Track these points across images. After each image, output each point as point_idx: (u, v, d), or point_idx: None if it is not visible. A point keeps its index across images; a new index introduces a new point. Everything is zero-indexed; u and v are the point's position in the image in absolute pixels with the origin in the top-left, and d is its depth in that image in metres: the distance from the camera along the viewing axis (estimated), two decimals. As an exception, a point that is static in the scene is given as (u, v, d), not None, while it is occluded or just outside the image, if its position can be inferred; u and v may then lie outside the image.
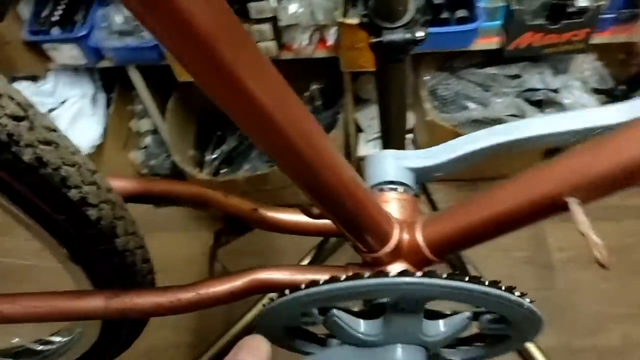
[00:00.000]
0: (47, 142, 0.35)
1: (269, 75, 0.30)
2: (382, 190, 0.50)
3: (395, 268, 0.46)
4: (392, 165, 0.51)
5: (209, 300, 0.46)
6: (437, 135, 1.41)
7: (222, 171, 1.47)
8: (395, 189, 0.50)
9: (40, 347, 0.65)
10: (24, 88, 1.26)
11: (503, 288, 0.39)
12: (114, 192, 0.42)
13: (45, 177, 0.35)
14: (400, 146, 0.90)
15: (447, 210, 0.45)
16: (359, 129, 1.57)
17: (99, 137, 1.35)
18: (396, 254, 0.45)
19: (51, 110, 1.29)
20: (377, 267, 0.46)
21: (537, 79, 1.38)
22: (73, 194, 0.37)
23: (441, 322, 0.45)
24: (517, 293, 0.40)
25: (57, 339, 0.63)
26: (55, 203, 0.37)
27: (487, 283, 0.39)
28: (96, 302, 0.44)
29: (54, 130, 0.36)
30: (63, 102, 1.28)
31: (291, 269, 0.48)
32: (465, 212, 0.43)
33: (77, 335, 0.61)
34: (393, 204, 0.49)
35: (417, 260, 0.46)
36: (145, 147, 1.53)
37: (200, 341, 1.41)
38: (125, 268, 0.45)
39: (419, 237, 0.45)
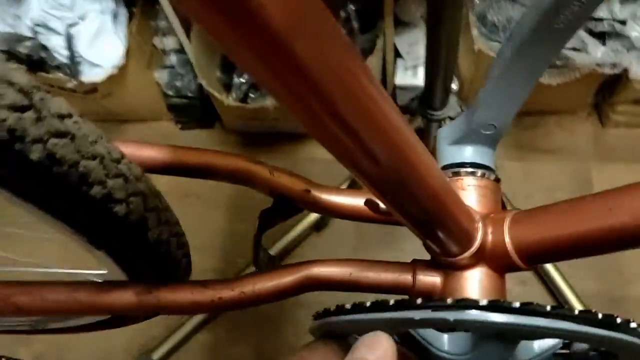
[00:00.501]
0: (60, 134, 0.27)
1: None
2: (457, 175, 0.42)
3: (474, 277, 0.38)
4: (469, 139, 0.42)
5: (255, 299, 0.39)
6: (483, 67, 1.29)
7: (250, 96, 1.37)
8: (473, 173, 0.42)
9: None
10: (43, 1, 1.16)
11: (625, 325, 0.31)
12: (144, 180, 0.34)
13: (60, 175, 0.28)
14: (448, 78, 0.80)
15: (546, 210, 0.37)
16: (398, 55, 1.44)
17: (122, 56, 1.25)
18: (477, 257, 0.38)
19: (71, 25, 1.19)
20: (452, 269, 0.39)
21: (602, 6, 1.23)
22: (96, 191, 0.30)
23: (536, 344, 0.38)
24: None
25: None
26: (74, 203, 0.30)
27: (607, 321, 0.31)
28: (126, 298, 0.38)
29: (69, 115, 0.28)
30: (82, 18, 1.17)
31: (350, 265, 0.40)
32: (574, 218, 0.35)
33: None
34: (471, 193, 0.41)
35: (501, 265, 0.39)
36: (170, 67, 1.43)
37: (228, 266, 1.39)
38: (158, 258, 0.38)
39: (507, 240, 0.37)
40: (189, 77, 1.42)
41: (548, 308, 0.31)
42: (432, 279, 0.40)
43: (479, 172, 0.42)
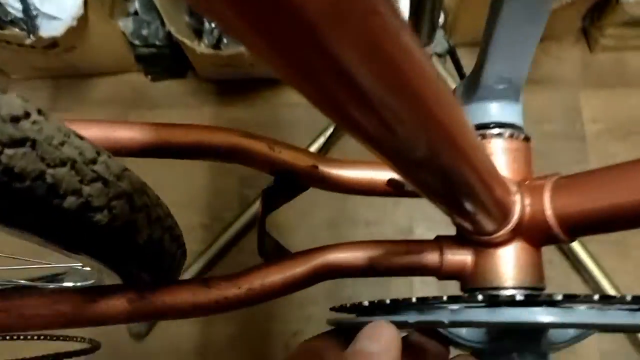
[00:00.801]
0: (17, 142, 0.21)
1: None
2: (483, 137, 0.37)
3: (509, 253, 0.34)
4: (489, 95, 0.37)
5: (265, 294, 0.34)
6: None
7: (224, 41, 1.28)
8: (500, 135, 0.37)
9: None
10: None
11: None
12: (127, 177, 0.28)
13: (24, 191, 0.22)
14: (437, 9, 0.73)
15: (592, 176, 0.32)
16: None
17: (80, 6, 1.15)
18: (514, 232, 0.33)
19: (18, -26, 1.07)
20: (485, 246, 0.35)
21: None
22: (70, 203, 0.24)
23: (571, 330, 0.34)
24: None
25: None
26: (43, 218, 0.24)
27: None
28: (117, 307, 0.33)
29: (25, 116, 0.22)
30: (31, -35, 1.05)
31: (368, 248, 0.36)
32: (625, 184, 0.30)
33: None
34: (500, 159, 0.36)
35: (539, 238, 0.34)
36: (134, 14, 1.32)
37: (215, 222, 1.35)
38: (151, 258, 0.33)
39: (549, 211, 0.33)
40: (156, 24, 1.32)
41: (596, 297, 0.27)
42: (461, 258, 0.36)
43: (507, 132, 0.37)
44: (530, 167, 0.37)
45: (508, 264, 0.34)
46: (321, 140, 1.35)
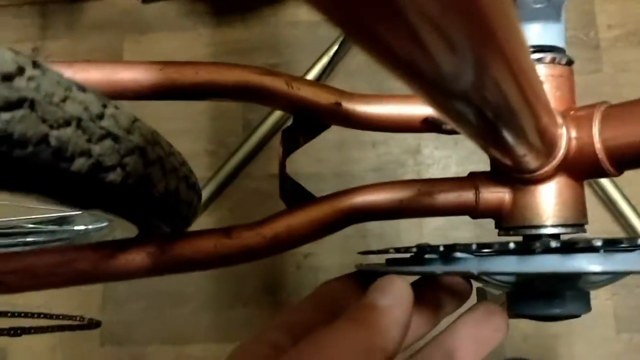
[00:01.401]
0: (13, 105, 0.18)
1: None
2: (525, 62, 0.33)
3: (551, 189, 0.31)
4: (526, 15, 0.33)
5: (291, 241, 0.32)
6: None
7: (217, -44, 1.20)
8: (541, 60, 0.33)
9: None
10: None
11: None
12: (137, 129, 0.25)
13: (27, 158, 0.19)
14: None
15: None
16: None
17: None
18: (557, 167, 0.31)
19: None
20: (523, 183, 0.32)
21: None
22: (79, 165, 0.21)
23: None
24: None
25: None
26: (51, 183, 0.21)
27: None
28: (136, 263, 0.31)
29: (19, 72, 0.18)
30: None
31: (399, 188, 0.33)
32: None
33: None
34: (545, 86, 0.33)
35: (584, 172, 0.32)
36: None
37: (219, 147, 1.32)
38: (167, 209, 0.31)
39: (598, 143, 0.30)
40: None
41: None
42: (498, 196, 0.33)
43: (548, 56, 0.33)
44: (574, 94, 0.34)
45: (549, 201, 0.32)
46: (324, 60, 1.30)
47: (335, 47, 1.27)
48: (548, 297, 0.32)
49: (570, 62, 0.34)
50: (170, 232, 0.34)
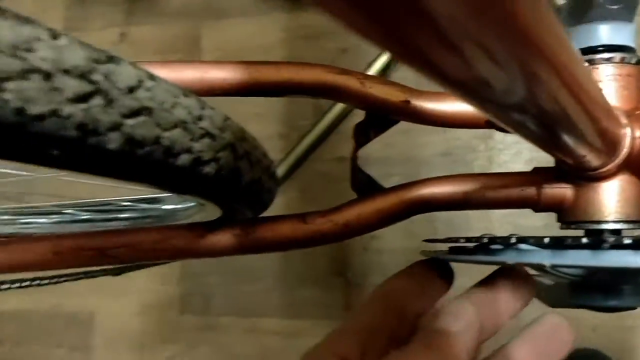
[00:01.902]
0: (135, 112, 0.22)
1: None
2: (590, 63, 0.34)
3: (613, 187, 0.33)
4: (598, 15, 0.34)
5: (359, 228, 0.36)
6: None
7: (293, -57, 1.23)
8: (610, 59, 0.34)
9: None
10: None
11: None
12: (229, 127, 0.29)
13: (144, 156, 0.23)
14: None
15: None
16: None
17: None
18: (620, 166, 0.32)
19: None
20: (586, 180, 0.34)
21: None
22: (183, 160, 0.25)
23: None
24: None
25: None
26: (159, 174, 0.26)
27: None
28: (224, 242, 0.35)
29: (139, 84, 0.22)
30: None
31: (464, 182, 0.35)
32: None
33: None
34: (610, 86, 0.34)
35: (647, 171, 0.33)
36: None
37: (292, 130, 1.37)
38: (251, 196, 0.35)
39: (661, 143, 0.31)
40: None
41: None
42: (560, 191, 0.35)
43: (618, 56, 0.34)
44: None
45: (612, 197, 0.33)
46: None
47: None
48: (606, 290, 0.34)
49: (639, 62, 0.35)
50: (250, 216, 0.38)
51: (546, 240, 0.29)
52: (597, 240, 0.28)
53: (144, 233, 0.36)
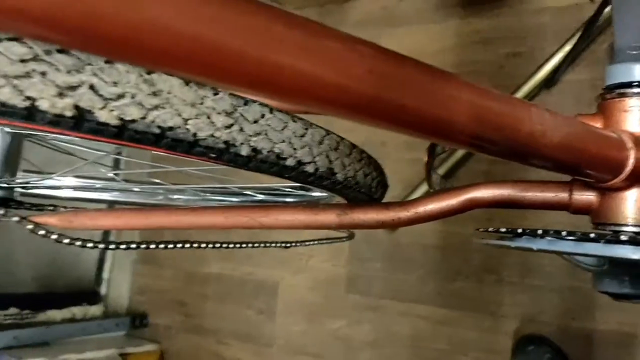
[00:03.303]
0: (257, 133, 0.39)
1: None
2: (622, 95, 0.43)
3: (630, 197, 0.41)
4: (631, 56, 0.42)
5: (425, 217, 0.49)
6: None
7: (464, -45, 1.33)
8: (638, 93, 0.42)
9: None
10: None
11: None
12: (326, 140, 0.45)
13: (264, 159, 0.41)
14: None
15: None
16: None
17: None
18: (632, 180, 0.41)
19: None
20: (608, 190, 0.42)
21: None
22: (289, 162, 0.42)
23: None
24: None
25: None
26: (279, 173, 0.43)
27: None
28: (330, 218, 0.52)
29: (262, 116, 0.40)
30: None
31: (509, 187, 0.47)
32: None
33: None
34: (634, 115, 0.42)
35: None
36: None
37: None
38: (350, 189, 0.50)
39: (663, 164, 0.39)
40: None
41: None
42: (587, 198, 0.44)
43: (644, 90, 0.42)
44: (665, 121, 0.42)
45: (628, 205, 0.42)
46: (567, 47, 1.33)
47: (577, 35, 1.29)
48: (621, 279, 0.43)
49: (668, 94, 0.42)
50: (364, 201, 0.54)
51: (563, 233, 0.40)
52: (600, 235, 0.39)
53: (281, 208, 0.54)
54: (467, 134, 0.31)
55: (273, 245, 0.90)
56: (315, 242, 0.98)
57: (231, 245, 0.90)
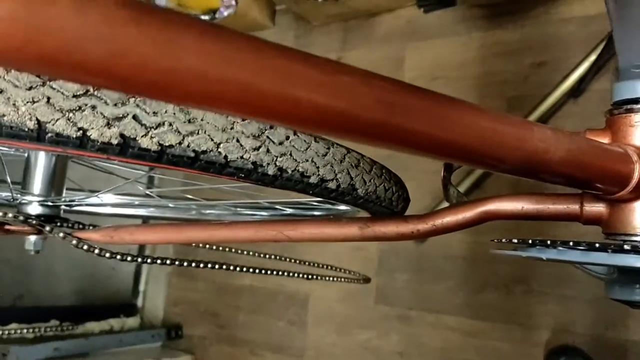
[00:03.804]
0: (283, 154, 0.43)
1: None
2: (629, 111, 0.45)
3: (638, 208, 0.44)
4: (635, 74, 0.44)
5: (443, 229, 0.52)
6: None
7: (486, -31, 1.35)
8: (641, 108, 0.45)
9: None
10: None
11: None
12: (347, 158, 0.49)
13: (289, 177, 0.44)
14: None
15: None
16: None
17: (356, -37, 1.36)
18: (636, 192, 0.43)
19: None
20: (617, 202, 0.45)
21: None
22: (313, 179, 0.46)
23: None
24: None
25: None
26: (304, 190, 0.47)
27: None
28: (353, 231, 0.55)
29: (287, 138, 0.44)
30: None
31: (522, 200, 0.49)
32: None
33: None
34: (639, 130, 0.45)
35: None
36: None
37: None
38: (371, 203, 0.54)
39: (666, 176, 0.41)
40: (423, -38, 1.46)
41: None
42: (598, 209, 0.47)
43: (649, 106, 0.45)
44: (670, 135, 0.44)
45: (637, 216, 0.44)
46: (592, 57, 1.34)
47: (602, 45, 1.30)
48: (631, 287, 0.45)
49: (673, 110, 0.45)
50: (385, 215, 0.57)
51: (571, 243, 0.43)
52: (605, 245, 0.41)
53: (307, 222, 0.57)
54: (472, 154, 0.34)
55: (296, 275, 0.93)
56: (334, 279, 1.01)
57: (263, 271, 0.92)
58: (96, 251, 0.62)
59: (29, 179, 0.71)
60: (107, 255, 0.62)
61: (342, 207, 0.81)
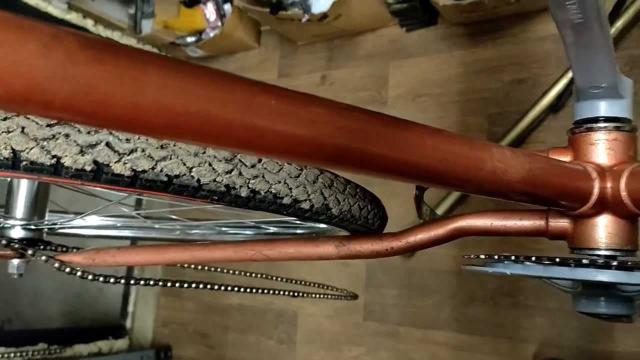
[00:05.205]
0: (255, 176, 0.45)
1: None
2: (590, 130, 0.47)
3: (600, 223, 0.45)
4: (607, 93, 0.46)
5: (416, 246, 0.53)
6: None
7: (465, -11, 1.39)
8: (604, 128, 0.46)
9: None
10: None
11: None
12: (320, 179, 0.50)
13: (261, 199, 0.46)
14: None
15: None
16: None
17: (337, -15, 1.39)
18: (599, 207, 0.45)
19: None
20: (580, 217, 0.46)
21: None
22: (286, 200, 0.47)
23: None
24: None
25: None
26: (278, 210, 0.48)
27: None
28: (329, 249, 0.56)
29: (259, 161, 0.45)
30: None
31: (490, 216, 0.51)
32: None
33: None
34: (599, 147, 0.46)
35: (621, 212, 0.45)
36: (384, -23, 1.52)
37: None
38: (346, 222, 0.55)
39: (623, 192, 0.43)
40: (402, -17, 1.49)
41: None
42: (563, 225, 0.48)
43: (611, 125, 0.46)
44: (629, 153, 0.46)
45: (599, 231, 0.46)
46: (570, 74, 1.37)
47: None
48: (595, 300, 0.46)
49: (633, 129, 0.47)
50: (361, 233, 0.58)
51: (533, 259, 0.44)
52: (567, 260, 0.43)
53: (284, 241, 0.59)
54: (433, 176, 0.36)
55: (282, 293, 0.94)
56: (322, 296, 1.02)
57: (250, 290, 0.93)
58: (79, 274, 0.63)
59: (11, 203, 0.72)
60: (90, 277, 0.63)
61: (323, 226, 0.82)
